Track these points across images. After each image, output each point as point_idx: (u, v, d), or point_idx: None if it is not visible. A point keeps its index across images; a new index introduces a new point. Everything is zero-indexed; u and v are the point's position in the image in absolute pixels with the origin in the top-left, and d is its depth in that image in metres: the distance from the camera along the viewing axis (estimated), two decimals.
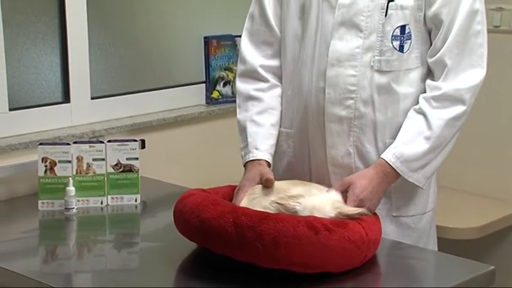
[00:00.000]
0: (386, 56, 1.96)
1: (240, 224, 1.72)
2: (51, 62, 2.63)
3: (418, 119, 1.94)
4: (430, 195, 2.10)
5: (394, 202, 2.03)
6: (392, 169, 1.93)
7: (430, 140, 1.93)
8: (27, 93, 2.58)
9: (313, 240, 1.70)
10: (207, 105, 3.02)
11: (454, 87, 1.92)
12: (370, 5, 1.94)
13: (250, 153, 2.04)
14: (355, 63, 1.96)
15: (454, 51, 1.92)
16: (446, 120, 1.92)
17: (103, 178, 2.36)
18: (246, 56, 2.14)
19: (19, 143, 2.45)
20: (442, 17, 1.93)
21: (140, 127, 2.75)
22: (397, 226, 2.05)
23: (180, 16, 2.97)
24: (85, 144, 2.37)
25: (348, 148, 2.01)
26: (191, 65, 3.02)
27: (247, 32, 2.15)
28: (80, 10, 2.64)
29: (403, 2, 1.94)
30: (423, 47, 1.97)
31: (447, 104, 1.93)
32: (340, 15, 1.96)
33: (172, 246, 1.95)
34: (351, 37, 1.96)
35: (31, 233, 2.20)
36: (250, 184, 1.94)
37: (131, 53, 2.86)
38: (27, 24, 2.56)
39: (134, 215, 2.36)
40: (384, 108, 1.98)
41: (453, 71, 1.93)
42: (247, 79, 2.13)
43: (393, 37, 1.95)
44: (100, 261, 2.04)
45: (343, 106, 1.99)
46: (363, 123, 1.99)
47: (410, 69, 1.98)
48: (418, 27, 1.96)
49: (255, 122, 2.08)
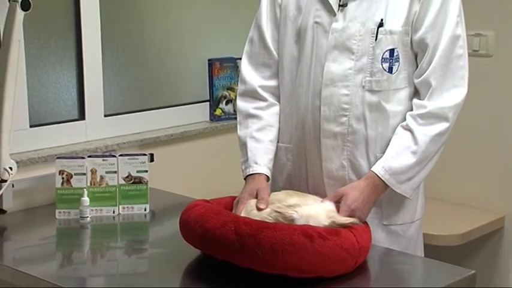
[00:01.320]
0: (377, 76, 1.96)
1: (241, 233, 1.72)
2: (68, 82, 2.63)
3: (406, 134, 1.94)
4: (418, 205, 2.10)
5: (384, 212, 2.03)
6: (381, 181, 1.93)
7: (417, 154, 1.92)
8: (46, 111, 2.58)
9: (308, 247, 1.70)
10: (211, 121, 3.01)
11: (438, 106, 1.93)
12: (362, 30, 1.95)
13: (250, 167, 2.04)
14: (348, 83, 1.96)
15: (438, 73, 1.93)
16: (431, 136, 1.92)
17: (115, 189, 2.36)
18: (246, 77, 2.14)
19: (38, 157, 2.45)
20: (427, 42, 1.93)
21: (149, 142, 2.74)
22: (388, 234, 2.04)
23: (186, 40, 2.98)
24: (99, 158, 2.37)
25: (342, 161, 2.01)
26: (196, 85, 3.02)
27: (247, 54, 2.15)
28: (94, 35, 2.64)
29: (391, 27, 1.94)
30: (410, 68, 1.98)
31: (432, 121, 1.93)
32: (333, 39, 1.97)
33: (178, 252, 1.95)
34: (344, 59, 1.96)
35: (49, 240, 2.20)
36: (248, 197, 1.94)
37: (141, 74, 2.86)
38: (46, 48, 2.56)
39: (143, 224, 2.35)
40: (374, 124, 1.98)
41: (437, 90, 1.93)
42: (247, 98, 2.13)
43: (383, 59, 1.95)
44: (112, 266, 2.04)
45: (337, 123, 1.99)
46: (356, 138, 1.99)
47: (398, 89, 1.98)
48: (405, 51, 1.96)
49: (254, 138, 2.08)
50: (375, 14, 1.94)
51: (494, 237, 3.11)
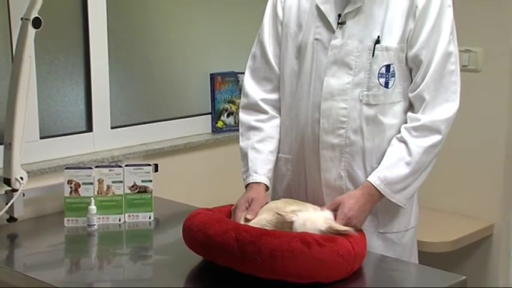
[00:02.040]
0: (373, 91, 1.96)
1: (241, 240, 1.73)
2: (76, 96, 2.63)
3: (400, 146, 1.94)
4: (412, 215, 2.09)
5: (380, 220, 2.03)
6: (377, 191, 1.92)
7: (410, 165, 1.92)
8: (55, 123, 2.58)
9: (306, 254, 1.70)
10: (213, 133, 3.01)
11: (431, 119, 1.92)
12: (359, 46, 1.95)
13: (250, 177, 2.04)
14: (346, 97, 1.96)
15: (431, 88, 1.93)
16: (424, 147, 1.92)
17: (121, 198, 2.36)
18: (248, 91, 2.14)
19: (48, 167, 2.45)
20: (422, 58, 1.93)
21: (154, 153, 2.74)
22: (383, 241, 2.04)
23: (189, 56, 2.98)
24: (105, 168, 2.37)
25: (340, 172, 2.01)
26: (199, 98, 3.02)
27: (249, 69, 2.16)
28: (101, 51, 2.64)
29: (388, 44, 1.94)
30: (405, 83, 1.98)
31: (425, 134, 1.93)
32: (332, 55, 1.97)
33: (181, 259, 1.94)
34: (342, 74, 1.97)
35: (57, 247, 2.20)
36: (245, 203, 1.95)
37: (146, 88, 2.86)
38: (56, 63, 2.56)
39: (148, 231, 2.35)
40: (371, 136, 1.98)
41: (430, 104, 1.93)
42: (249, 111, 2.13)
43: (379, 75, 1.95)
44: (118, 272, 2.04)
45: (335, 135, 1.99)
46: (353, 150, 1.99)
47: (394, 102, 1.98)
48: (401, 66, 1.96)
49: (255, 149, 2.08)
50: (372, 31, 1.95)
51: (484, 244, 3.11)
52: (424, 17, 1.93)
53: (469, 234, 2.98)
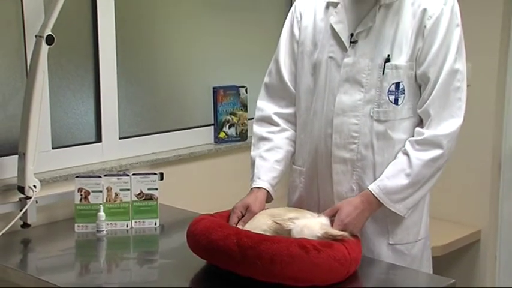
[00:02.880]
0: (384, 107, 1.93)
1: (242, 245, 1.72)
2: (86, 108, 2.63)
3: (403, 158, 1.92)
4: (422, 226, 2.06)
5: (390, 232, 2.00)
6: (376, 199, 1.90)
7: (410, 176, 1.90)
8: (66, 134, 2.58)
9: (304, 259, 1.69)
10: (215, 143, 3.01)
11: (434, 134, 1.90)
12: (370, 64, 1.93)
13: (254, 182, 2.03)
14: (357, 113, 1.94)
15: (437, 104, 1.90)
16: (425, 161, 1.90)
17: (128, 205, 2.36)
18: (262, 106, 2.13)
19: (59, 176, 2.45)
20: (429, 75, 1.91)
21: (159, 162, 2.74)
22: (393, 252, 2.01)
23: (193, 71, 2.98)
24: (114, 177, 2.37)
25: (351, 185, 1.98)
26: (202, 111, 3.02)
27: (265, 86, 2.14)
28: (110, 66, 2.65)
29: (397, 62, 1.92)
30: (415, 100, 1.95)
31: (427, 148, 1.90)
32: (344, 73, 1.95)
33: (185, 262, 1.94)
34: (354, 91, 1.94)
35: (68, 251, 2.20)
36: (241, 207, 1.95)
37: (152, 100, 2.87)
38: (67, 77, 2.56)
39: (154, 236, 2.34)
40: (381, 151, 1.95)
41: (435, 120, 1.90)
42: (262, 123, 2.12)
43: (389, 92, 1.93)
44: (125, 275, 2.04)
45: (347, 149, 1.97)
46: (364, 164, 1.96)
47: (404, 118, 1.95)
48: (410, 84, 1.93)
49: (262, 157, 2.06)
50: (383, 50, 1.92)
51: (472, 249, 3.11)
52: (432, 36, 1.89)
53: (457, 239, 2.97)
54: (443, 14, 1.90)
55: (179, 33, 2.92)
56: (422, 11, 1.91)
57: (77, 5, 2.53)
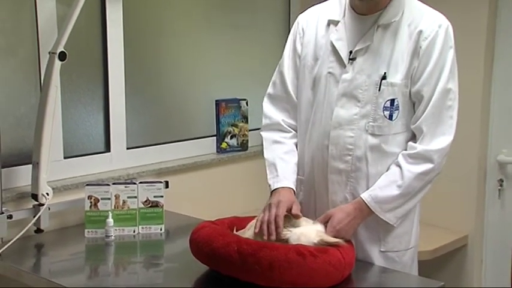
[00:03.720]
0: (378, 122, 1.92)
1: (242, 252, 1.72)
2: (96, 120, 2.64)
3: (395, 170, 1.91)
4: (413, 235, 2.05)
5: (382, 240, 1.99)
6: (367, 207, 1.89)
7: (401, 188, 1.89)
8: (77, 144, 2.57)
9: (301, 264, 1.69)
10: (217, 153, 3.00)
11: (426, 149, 1.89)
12: (367, 81, 1.92)
13: (280, 182, 1.98)
14: (353, 127, 1.93)
15: (430, 121, 1.89)
16: (416, 173, 1.89)
17: (135, 212, 2.35)
18: (270, 114, 2.11)
19: (71, 184, 2.45)
20: (423, 94, 1.89)
21: (165, 171, 2.73)
22: (385, 259, 1.99)
23: (197, 84, 2.98)
24: (121, 185, 2.37)
25: (346, 195, 1.97)
26: (205, 122, 3.01)
27: (269, 95, 2.12)
28: (119, 81, 2.65)
29: (393, 80, 1.91)
30: (409, 116, 1.94)
31: (419, 161, 1.89)
32: (342, 88, 1.94)
33: (188, 267, 1.93)
34: (351, 106, 1.93)
35: (78, 255, 2.20)
36: (286, 203, 1.90)
37: (158, 112, 2.86)
38: (78, 91, 2.56)
39: (159, 242, 2.34)
40: (375, 163, 1.94)
41: (427, 136, 1.90)
42: (272, 130, 2.09)
43: (384, 108, 1.92)
44: (132, 278, 2.04)
45: (342, 161, 1.96)
46: (358, 175, 1.95)
47: (397, 133, 1.93)
48: (404, 101, 1.92)
49: (283, 159, 2.03)
50: (379, 68, 1.91)
51: (460, 253, 3.10)
52: (427, 56, 1.88)
53: (446, 244, 2.96)
54: (438, 36, 1.90)
55: (184, 49, 2.92)
56: (418, 32, 1.90)
57: (88, 24, 2.54)
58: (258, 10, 3.15)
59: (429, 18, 1.93)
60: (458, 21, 2.95)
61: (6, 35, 2.30)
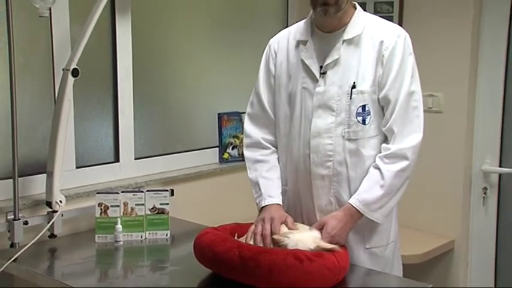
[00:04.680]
0: (353, 128, 1.94)
1: (243, 256, 1.72)
2: (106, 132, 2.64)
3: (375, 172, 1.93)
4: (392, 231, 2.06)
5: (366, 238, 2.00)
6: (357, 211, 1.91)
7: (384, 187, 1.90)
8: (88, 155, 2.58)
9: (298, 268, 1.70)
10: (220, 163, 3.00)
11: (399, 148, 1.91)
12: (339, 91, 1.95)
13: (265, 200, 2.00)
14: (331, 134, 1.95)
15: (399, 122, 1.92)
16: (394, 172, 1.90)
17: (142, 218, 2.35)
18: (250, 132, 2.13)
19: (82, 192, 2.45)
20: (390, 97, 1.93)
21: (170, 180, 2.73)
22: (369, 255, 2.01)
23: (200, 99, 2.99)
24: (130, 193, 2.37)
25: (330, 198, 1.98)
26: (208, 134, 3.02)
27: (248, 115, 2.15)
28: (127, 95, 2.66)
29: (362, 88, 1.94)
30: (379, 120, 1.96)
31: (395, 160, 1.91)
32: (317, 100, 1.97)
33: (192, 270, 1.93)
34: (326, 116, 1.96)
35: (89, 259, 2.20)
36: (279, 219, 1.92)
37: (164, 125, 2.87)
38: (90, 105, 2.57)
39: (165, 246, 2.34)
40: (354, 167, 1.96)
41: (399, 136, 1.92)
42: (253, 148, 2.11)
43: (357, 114, 1.94)
44: (140, 280, 2.03)
45: (324, 167, 1.97)
46: (340, 179, 1.97)
47: (371, 136, 1.96)
48: (374, 106, 1.95)
49: (265, 178, 2.05)
50: (349, 78, 1.94)
51: (447, 257, 3.10)
52: (389, 64, 1.92)
53: (434, 248, 2.96)
54: (398, 45, 1.93)
55: (188, 65, 2.93)
56: (379, 43, 1.94)
57: (99, 43, 2.55)
58: (257, 30, 3.17)
59: (388, 30, 1.97)
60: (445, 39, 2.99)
61: (24, 53, 2.31)
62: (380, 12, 3.15)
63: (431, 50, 3.04)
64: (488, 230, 3.08)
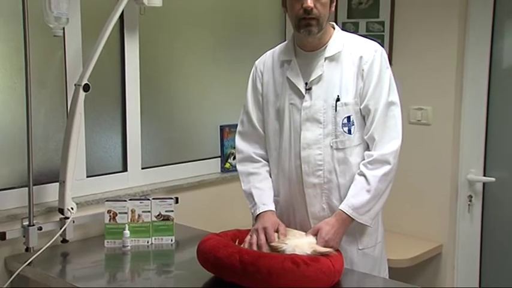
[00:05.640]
0: (340, 138, 1.96)
1: (244, 261, 1.73)
2: (114, 143, 2.65)
3: (361, 179, 1.94)
4: (379, 232, 2.09)
5: (358, 240, 2.02)
6: (347, 216, 1.92)
7: (370, 192, 1.92)
8: (98, 165, 2.58)
9: (296, 271, 1.70)
10: (221, 173, 3.00)
11: (380, 153, 1.93)
12: (324, 105, 1.97)
13: (259, 208, 2.01)
14: (320, 145, 1.97)
15: (379, 130, 1.94)
16: (379, 176, 1.92)
17: (149, 225, 2.36)
18: (242, 149, 2.14)
19: (92, 200, 2.45)
20: (370, 107, 1.95)
21: (175, 188, 2.73)
22: (362, 256, 2.02)
23: (203, 112, 3.00)
24: (137, 201, 2.37)
25: (322, 205, 2.00)
26: (210, 145, 3.02)
27: (239, 133, 2.16)
28: (135, 109, 2.67)
29: (346, 100, 1.96)
30: (362, 129, 1.98)
31: (378, 166, 1.93)
32: (305, 114, 1.98)
33: (196, 274, 1.94)
34: (315, 128, 1.97)
35: (99, 263, 2.20)
36: (272, 227, 1.93)
37: (170, 137, 2.87)
38: (99, 118, 2.58)
39: (170, 251, 2.34)
40: (343, 174, 1.97)
41: (380, 143, 1.94)
42: (245, 163, 2.12)
43: (343, 125, 1.96)
44: (146, 283, 2.03)
45: (315, 176, 1.98)
46: (331, 186, 1.98)
47: (357, 145, 1.97)
48: (357, 116, 1.97)
49: (258, 188, 2.06)
50: (333, 92, 1.96)
51: (435, 260, 3.10)
52: (369, 77, 1.95)
53: (423, 253, 2.96)
54: (375, 59, 1.96)
55: (192, 81, 2.94)
56: (359, 58, 1.96)
57: (109, 60, 2.56)
58: (256, 48, 3.17)
59: (366, 46, 2.00)
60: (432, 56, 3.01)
61: (39, 70, 2.32)
62: (372, 31, 3.17)
63: (420, 67, 3.06)
64: (473, 235, 3.08)
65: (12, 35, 2.25)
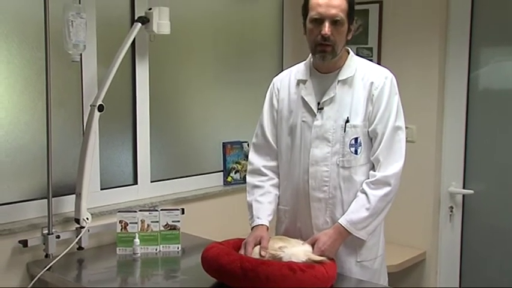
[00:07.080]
0: (347, 157, 1.95)
1: (244, 268, 1.73)
2: (126, 158, 2.65)
3: (362, 196, 1.93)
4: (380, 245, 2.06)
5: (357, 252, 2.00)
6: (345, 229, 1.91)
7: (369, 210, 1.91)
8: (111, 178, 2.58)
9: (292, 278, 1.70)
10: (224, 186, 2.99)
11: (383, 175, 1.92)
12: (334, 125, 1.95)
13: (255, 221, 2.01)
14: (327, 163, 1.95)
15: (384, 153, 1.93)
16: (379, 196, 1.91)
17: (157, 234, 2.36)
18: (253, 161, 2.12)
19: (106, 211, 2.45)
20: (378, 131, 1.93)
21: (181, 200, 2.73)
22: (361, 268, 2.00)
23: (207, 130, 3.00)
24: (146, 212, 2.37)
25: (326, 218, 1.98)
26: (214, 160, 3.02)
27: (253, 145, 2.14)
28: (145, 127, 2.67)
29: (355, 122, 1.94)
30: (369, 150, 1.97)
31: (379, 186, 1.91)
32: (315, 132, 1.97)
33: (200, 279, 1.93)
34: (323, 146, 1.96)
35: (111, 269, 2.20)
36: (253, 240, 1.92)
37: (176, 152, 2.87)
38: (112, 135, 2.58)
39: (177, 258, 2.33)
40: (347, 191, 1.96)
41: (384, 164, 1.92)
42: (254, 175, 2.11)
43: (350, 145, 1.95)
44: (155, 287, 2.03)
45: (321, 191, 1.97)
46: (335, 201, 1.96)
47: (362, 165, 1.95)
48: (365, 138, 1.95)
49: (258, 201, 2.04)
50: (343, 113, 1.94)
51: (419, 266, 3.09)
52: (378, 102, 1.93)
53: (408, 259, 2.95)
54: (385, 86, 1.95)
55: (197, 101, 2.94)
56: (370, 83, 1.95)
57: (121, 82, 2.57)
58: (256, 70, 3.21)
59: (377, 72, 1.99)
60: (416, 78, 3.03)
61: (58, 91, 2.33)
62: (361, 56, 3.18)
63: (405, 88, 3.02)
64: (454, 242, 3.09)
65: (35, 60, 2.27)
